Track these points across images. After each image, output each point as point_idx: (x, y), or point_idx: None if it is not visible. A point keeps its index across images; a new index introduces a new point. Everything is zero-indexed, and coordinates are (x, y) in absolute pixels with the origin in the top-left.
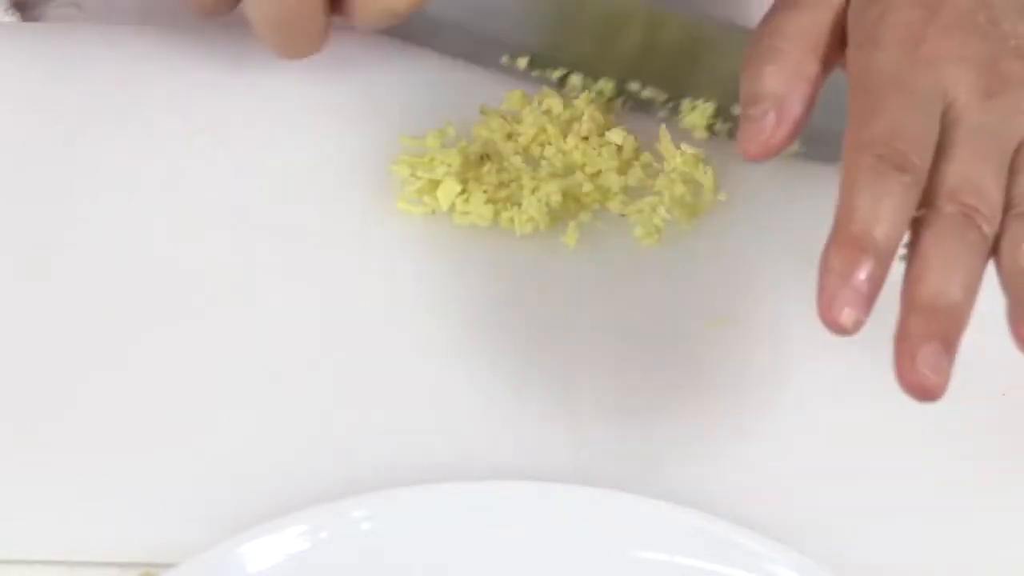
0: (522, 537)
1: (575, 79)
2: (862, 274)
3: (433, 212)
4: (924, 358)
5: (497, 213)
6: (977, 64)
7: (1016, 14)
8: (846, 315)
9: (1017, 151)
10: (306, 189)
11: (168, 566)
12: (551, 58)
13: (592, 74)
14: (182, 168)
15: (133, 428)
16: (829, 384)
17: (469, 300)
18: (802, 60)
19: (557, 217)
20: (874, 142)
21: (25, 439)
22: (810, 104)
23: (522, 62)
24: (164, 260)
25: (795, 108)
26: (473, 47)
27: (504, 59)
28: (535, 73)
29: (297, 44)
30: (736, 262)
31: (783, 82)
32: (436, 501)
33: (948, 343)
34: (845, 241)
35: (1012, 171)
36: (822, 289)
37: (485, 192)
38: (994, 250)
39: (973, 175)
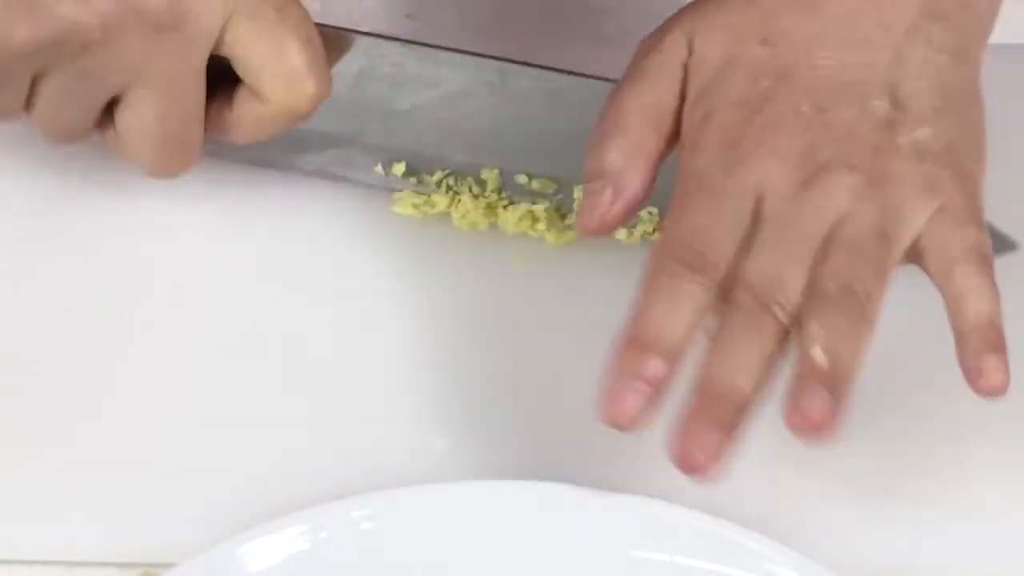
0: (522, 537)
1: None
2: (646, 374)
3: (425, 215)
4: (697, 439)
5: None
6: (794, 156)
7: (850, 98)
8: (624, 416)
9: (829, 236)
10: (305, 191)
11: (168, 566)
12: (427, 160)
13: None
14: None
15: (133, 428)
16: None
17: (468, 301)
18: (641, 137)
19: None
20: (678, 243)
21: (25, 440)
22: (649, 180)
23: (398, 168)
24: (163, 262)
25: (631, 185)
26: (342, 158)
27: (378, 168)
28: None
29: (174, 157)
30: None
31: (621, 159)
32: (436, 501)
33: (725, 427)
34: (631, 342)
35: (821, 254)
36: (605, 388)
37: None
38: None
39: (773, 267)
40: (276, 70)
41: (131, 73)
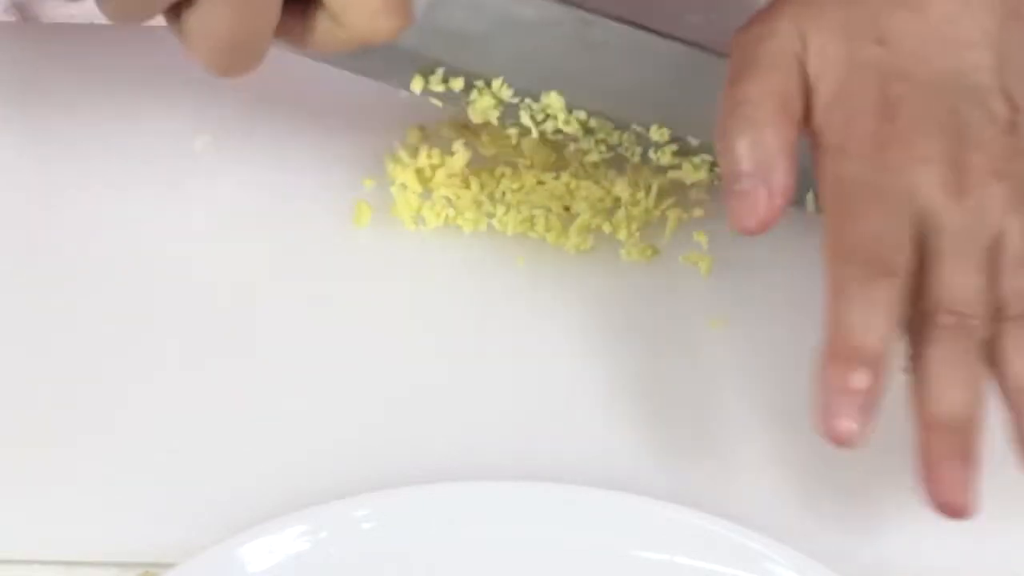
0: (522, 537)
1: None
2: (858, 385)
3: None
4: (952, 475)
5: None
6: (942, 162)
7: (969, 101)
8: (845, 427)
9: (995, 246)
10: (306, 191)
11: (168, 566)
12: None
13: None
14: (182, 169)
15: (133, 429)
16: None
17: (467, 302)
18: (779, 127)
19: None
20: (855, 250)
21: (25, 440)
22: (794, 170)
23: (456, 83)
24: (162, 263)
25: (782, 178)
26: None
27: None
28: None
29: (238, 63)
30: (737, 262)
31: (766, 154)
32: (436, 501)
33: (968, 458)
34: (839, 354)
35: (995, 270)
36: (820, 403)
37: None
38: (991, 360)
39: (963, 282)
40: (358, 1)
41: None
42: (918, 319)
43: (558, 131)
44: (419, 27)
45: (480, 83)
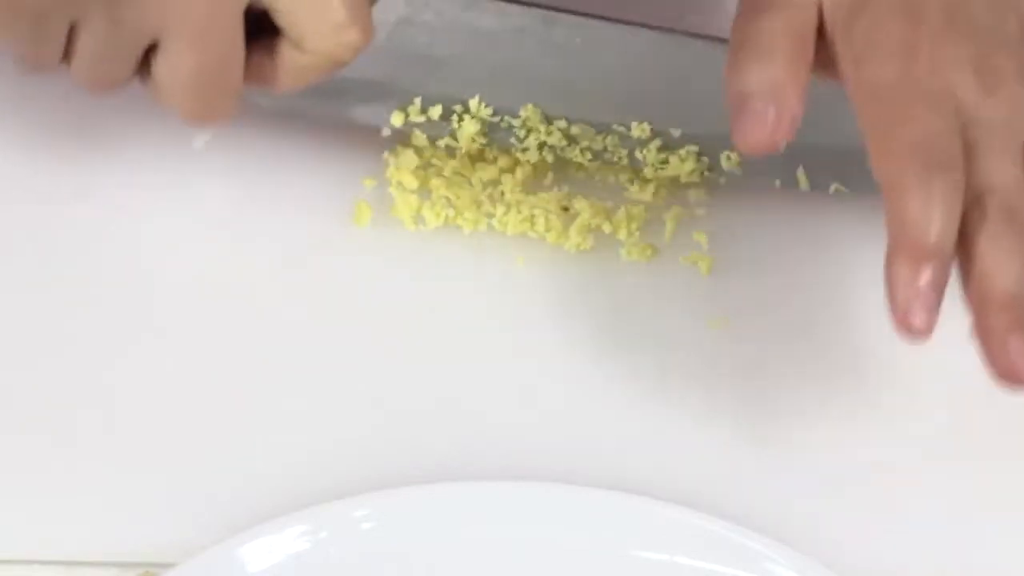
0: (522, 537)
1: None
2: (928, 278)
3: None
4: (1015, 349)
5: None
6: (972, 63)
7: (985, 10)
8: (920, 319)
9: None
10: (307, 191)
11: (168, 566)
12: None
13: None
14: (181, 168)
15: (133, 428)
16: (830, 384)
17: (467, 302)
18: (792, 58)
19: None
20: (911, 147)
21: (25, 439)
22: (803, 101)
23: (435, 111)
24: (162, 263)
25: (793, 104)
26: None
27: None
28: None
29: (212, 106)
30: (737, 262)
31: (778, 78)
32: (436, 501)
33: None
34: (906, 248)
35: None
36: (893, 298)
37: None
38: None
39: (1005, 169)
40: (318, 19)
41: (168, 19)
42: (966, 205)
43: (543, 143)
44: (386, 57)
45: (459, 107)
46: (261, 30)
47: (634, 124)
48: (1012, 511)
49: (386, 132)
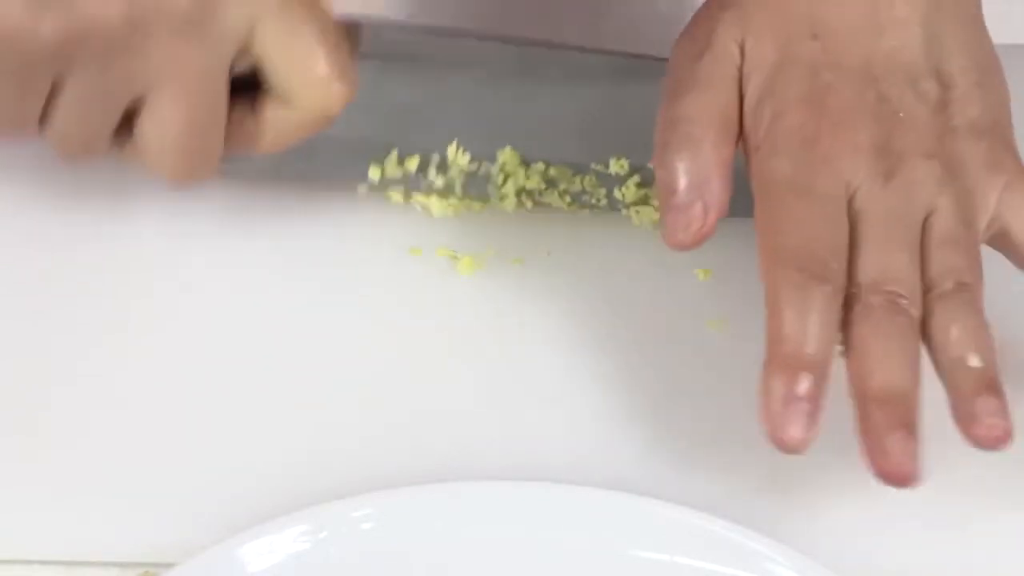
0: (522, 537)
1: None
2: (802, 392)
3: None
4: (895, 448)
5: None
6: (872, 149)
7: (903, 83)
8: (793, 433)
9: (924, 226)
10: (307, 192)
11: (168, 566)
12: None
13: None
14: None
15: (134, 428)
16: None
17: (466, 301)
18: (716, 144)
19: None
20: (791, 255)
21: (25, 439)
22: (729, 188)
23: (411, 163)
24: (163, 263)
25: (719, 194)
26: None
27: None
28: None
29: (195, 165)
30: (735, 262)
31: (703, 170)
32: (436, 501)
33: (910, 428)
34: (780, 363)
35: (923, 250)
36: (767, 415)
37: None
38: (924, 337)
39: (889, 262)
40: (305, 72)
41: (155, 74)
42: (849, 301)
43: (521, 189)
44: (358, 112)
45: (436, 157)
46: (237, 93)
47: (612, 161)
48: (1012, 511)
49: (362, 190)
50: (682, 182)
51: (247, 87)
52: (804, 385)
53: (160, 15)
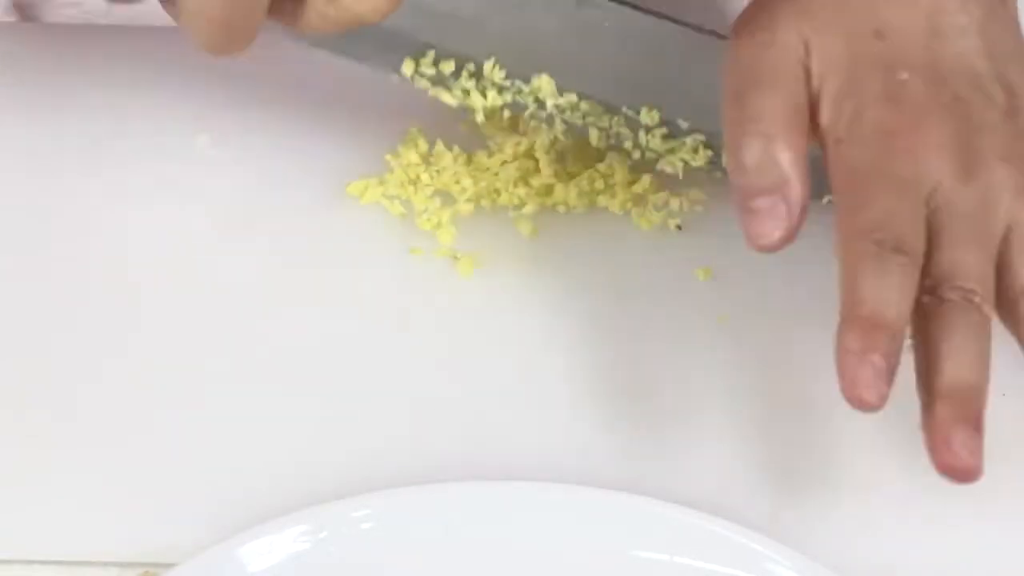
0: (522, 537)
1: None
2: (879, 351)
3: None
4: (959, 442)
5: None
6: (951, 147)
7: (969, 86)
8: (869, 393)
9: (1006, 225)
10: (306, 191)
11: (168, 566)
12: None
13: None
14: (183, 167)
15: (133, 429)
16: (829, 384)
17: (466, 301)
18: (791, 142)
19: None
20: (869, 229)
21: (25, 439)
22: (808, 180)
23: (447, 66)
24: (163, 262)
25: (800, 193)
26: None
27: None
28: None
29: (231, 41)
30: (735, 262)
31: (781, 169)
32: (436, 501)
33: (976, 424)
34: (857, 322)
35: (1005, 247)
36: (843, 371)
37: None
38: (1015, 332)
39: (967, 259)
40: None
41: None
42: (924, 296)
43: (555, 116)
44: (409, 8)
45: (471, 66)
46: None
47: (643, 110)
48: (1012, 511)
49: (394, 79)
50: (762, 185)
51: None
52: (881, 344)
53: None
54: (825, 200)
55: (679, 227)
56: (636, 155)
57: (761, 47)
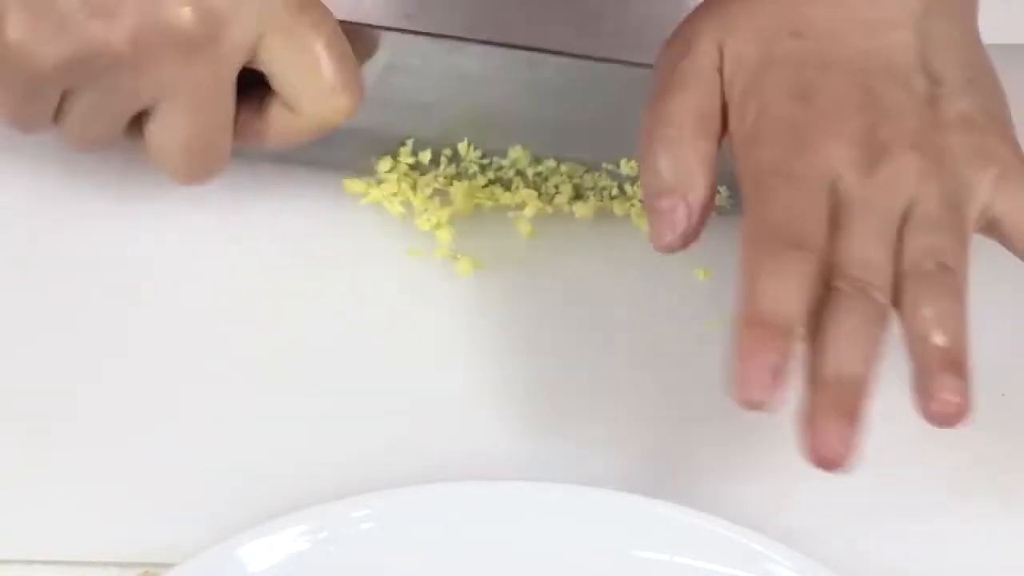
0: (522, 537)
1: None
2: (771, 350)
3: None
4: (830, 431)
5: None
6: (857, 139)
7: (891, 79)
8: (759, 392)
9: (903, 216)
10: (305, 190)
11: (168, 566)
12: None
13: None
14: None
15: (133, 428)
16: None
17: (466, 301)
18: (698, 145)
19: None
20: (769, 229)
21: (25, 439)
22: (713, 185)
23: (424, 156)
24: (163, 262)
25: (702, 195)
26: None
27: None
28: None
29: (203, 167)
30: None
31: (685, 171)
32: (436, 501)
33: (853, 415)
34: (751, 321)
35: (904, 235)
36: (735, 371)
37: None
38: (899, 316)
39: (863, 249)
40: (311, 85)
41: (161, 89)
42: (822, 289)
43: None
44: (371, 104)
45: (448, 151)
46: (249, 85)
47: (623, 161)
48: (1012, 511)
49: (372, 178)
50: (664, 184)
51: (254, 81)
52: (775, 343)
53: (166, 37)
54: None
55: None
56: (627, 206)
57: (678, 55)
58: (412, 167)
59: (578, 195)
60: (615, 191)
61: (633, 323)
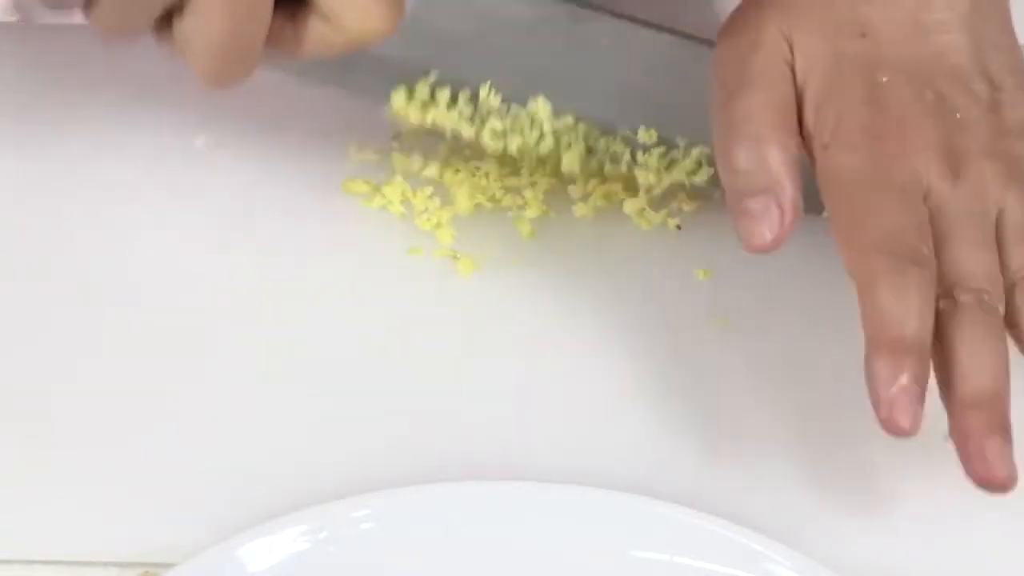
0: (522, 537)
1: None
2: (909, 374)
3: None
4: (994, 452)
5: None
6: (936, 147)
7: (952, 83)
8: (905, 418)
9: (997, 222)
10: (304, 189)
11: (168, 566)
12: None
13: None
14: (183, 167)
15: (133, 428)
16: (829, 383)
17: (466, 301)
18: (782, 142)
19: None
20: (879, 244)
21: (25, 439)
22: (800, 182)
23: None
24: (164, 262)
25: (792, 192)
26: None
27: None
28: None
29: (232, 71)
30: (735, 262)
31: (773, 171)
32: (436, 501)
33: (1005, 431)
34: (884, 347)
35: (1000, 245)
36: (876, 398)
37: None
38: (1008, 327)
39: (973, 259)
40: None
41: None
42: (939, 301)
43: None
44: (405, 32)
45: (467, 91)
46: None
47: (641, 130)
48: (1012, 511)
49: (388, 109)
50: (752, 185)
51: None
52: (910, 369)
53: None
54: (824, 214)
55: (679, 227)
56: (636, 175)
57: (747, 48)
58: (426, 103)
59: (590, 151)
60: (627, 157)
61: (633, 323)
